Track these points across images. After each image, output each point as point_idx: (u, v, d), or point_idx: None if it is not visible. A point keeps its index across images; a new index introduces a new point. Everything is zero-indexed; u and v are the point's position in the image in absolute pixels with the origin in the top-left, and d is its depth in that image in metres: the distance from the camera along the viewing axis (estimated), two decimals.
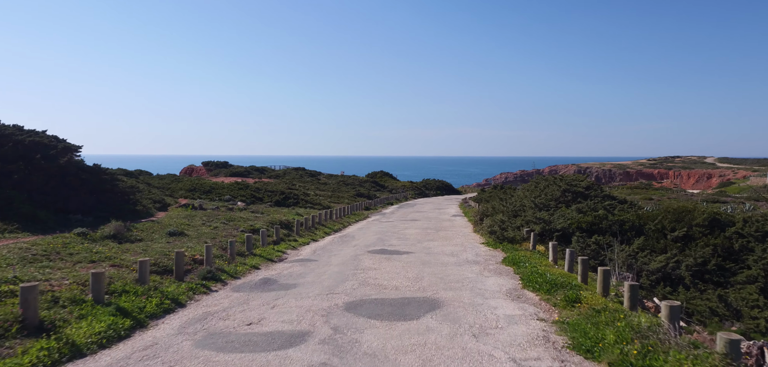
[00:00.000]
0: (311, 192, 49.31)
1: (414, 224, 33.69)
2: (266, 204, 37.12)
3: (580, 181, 25.22)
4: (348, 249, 22.13)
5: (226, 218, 25.52)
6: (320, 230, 28.57)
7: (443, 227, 31.31)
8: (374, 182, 71.80)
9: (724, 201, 66.97)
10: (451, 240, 25.02)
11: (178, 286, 13.97)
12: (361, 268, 17.49)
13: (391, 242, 24.13)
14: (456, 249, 21.95)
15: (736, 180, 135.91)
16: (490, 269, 17.29)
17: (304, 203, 39.63)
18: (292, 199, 39.40)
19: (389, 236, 26.78)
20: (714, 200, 69.53)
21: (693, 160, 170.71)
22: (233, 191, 37.74)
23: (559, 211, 23.11)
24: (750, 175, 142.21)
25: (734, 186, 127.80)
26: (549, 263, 17.91)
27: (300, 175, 71.14)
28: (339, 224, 32.78)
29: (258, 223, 25.09)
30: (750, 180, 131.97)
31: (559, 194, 24.42)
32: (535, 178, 27.45)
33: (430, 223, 34.34)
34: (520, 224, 23.38)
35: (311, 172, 75.95)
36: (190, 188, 37.11)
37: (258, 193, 39.19)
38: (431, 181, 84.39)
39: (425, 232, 28.59)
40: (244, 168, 71.47)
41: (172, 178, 45.28)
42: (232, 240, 18.46)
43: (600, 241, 21.21)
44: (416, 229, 30.23)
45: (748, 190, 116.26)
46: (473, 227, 30.09)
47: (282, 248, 21.89)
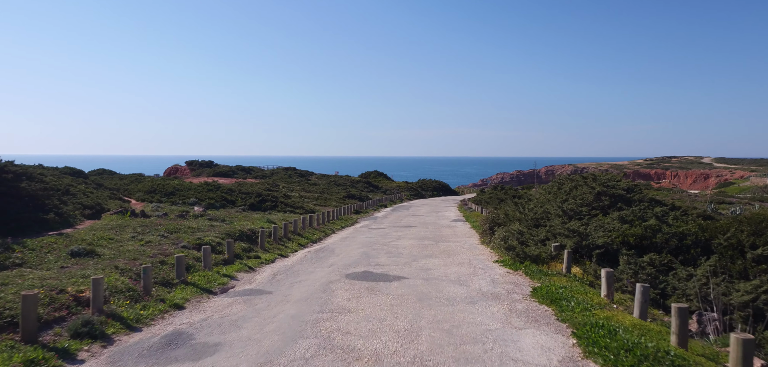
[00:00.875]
0: (295, 194, 43.43)
1: (409, 231, 27.85)
2: (238, 208, 31.23)
3: (616, 181, 19.41)
4: (321, 271, 16.24)
5: (170, 228, 19.62)
6: (294, 242, 22.68)
7: (443, 236, 25.47)
8: (367, 183, 65.91)
9: (730, 202, 61.75)
10: (454, 256, 19.18)
11: (10, 358, 8.10)
12: (330, 309, 11.61)
13: (379, 260, 18.27)
14: (464, 271, 16.09)
15: (735, 180, 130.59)
16: (519, 311, 11.42)
17: (283, 206, 33.74)
18: (269, 202, 33.53)
19: (378, 249, 20.92)
20: (719, 201, 64.38)
21: (690, 161, 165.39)
22: (201, 193, 31.89)
23: (596, 220, 17.30)
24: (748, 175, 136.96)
25: (734, 186, 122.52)
26: (603, 300, 12.06)
27: (289, 176, 65.18)
28: (319, 232, 26.90)
29: (209, 235, 19.20)
30: (750, 180, 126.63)
31: (593, 199, 18.62)
32: (558, 177, 21.60)
33: (428, 230, 28.51)
34: (545, 237, 17.57)
35: (301, 173, 70.02)
36: (150, 189, 31.25)
37: (230, 195, 33.29)
38: (427, 181, 78.58)
39: (422, 243, 22.75)
40: (229, 168, 65.48)
41: (134, 179, 39.47)
42: (148, 267, 12.54)
43: (655, 261, 15.40)
44: (411, 239, 24.38)
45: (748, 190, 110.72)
46: (480, 237, 24.25)
47: (232, 271, 15.99)
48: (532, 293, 13.04)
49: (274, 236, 21.75)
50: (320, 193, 49.21)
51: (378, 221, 34.61)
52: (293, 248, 21.61)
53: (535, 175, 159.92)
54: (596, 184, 19.06)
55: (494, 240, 20.57)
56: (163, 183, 32.60)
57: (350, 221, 33.92)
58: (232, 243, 17.62)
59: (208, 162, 70.32)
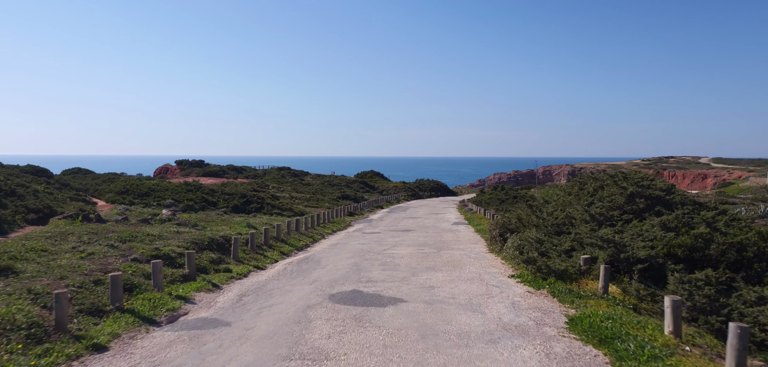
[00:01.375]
0: (285, 194, 40.19)
1: (407, 236, 24.66)
2: (220, 210, 27.99)
3: (650, 180, 16.26)
4: (299, 291, 13.03)
5: (126, 235, 16.38)
6: (275, 250, 19.46)
7: (446, 242, 22.29)
8: (363, 183, 62.67)
9: (733, 202, 58.85)
10: (461, 268, 16.00)
11: None
12: (302, 352, 8.40)
13: (372, 274, 15.07)
14: (475, 290, 12.91)
15: (734, 181, 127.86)
16: (559, 357, 8.20)
17: (270, 208, 30.50)
18: (255, 203, 30.29)
19: (371, 259, 17.72)
20: (722, 201, 61.49)
21: (687, 161, 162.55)
22: (179, 194, 28.64)
23: (631, 227, 14.15)
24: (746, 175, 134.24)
25: (733, 186, 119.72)
26: (669, 338, 8.90)
27: (282, 176, 61.91)
28: (307, 237, 23.67)
29: (171, 244, 15.98)
30: (749, 180, 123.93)
31: (624, 201, 15.46)
32: (580, 176, 18.46)
33: (428, 235, 25.33)
34: (571, 247, 14.41)
35: (295, 172, 66.76)
36: (123, 190, 27.99)
37: (212, 196, 30.03)
38: (425, 181, 75.38)
39: (422, 251, 19.56)
40: (220, 167, 62.16)
41: (108, 178, 36.23)
42: (63, 293, 9.30)
43: (711, 278, 12.25)
44: (409, 246, 21.19)
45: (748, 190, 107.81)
46: (487, 245, 21.07)
47: (190, 291, 12.78)
48: (570, 325, 9.85)
49: (251, 243, 18.52)
50: (313, 193, 45.97)
51: (373, 224, 31.41)
52: (273, 257, 18.37)
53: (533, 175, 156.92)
54: (628, 183, 15.90)
55: (506, 249, 17.38)
56: (138, 183, 29.38)
57: (343, 224, 30.72)
58: (194, 255, 14.37)
59: (199, 161, 66.98)
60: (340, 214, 35.19)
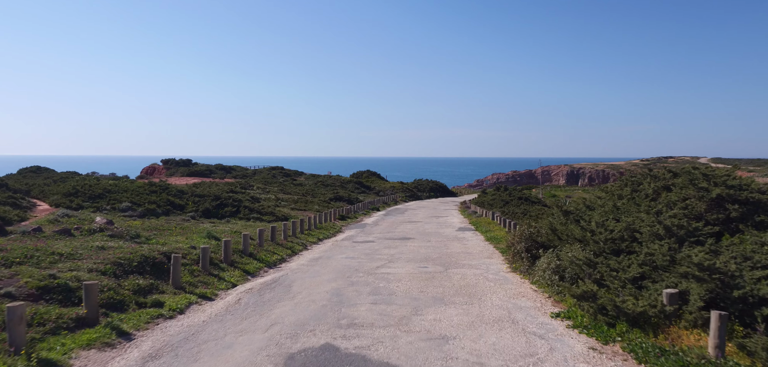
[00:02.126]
0: (270, 196, 35.52)
1: (405, 247, 20.01)
2: (188, 215, 23.32)
3: (741, 179, 11.68)
4: (243, 349, 8.37)
5: (21, 253, 11.73)
6: (236, 270, 14.77)
7: (453, 256, 17.66)
8: (359, 183, 58.00)
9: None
10: (481, 300, 11.40)
11: None
12: None
13: (357, 312, 10.45)
14: (510, 347, 8.29)
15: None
16: None
17: (248, 212, 25.82)
18: (230, 207, 25.62)
19: (358, 285, 13.08)
20: None
21: (686, 161, 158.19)
22: (140, 195, 24.00)
23: (729, 246, 9.58)
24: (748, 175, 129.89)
25: None
26: None
27: (273, 175, 57.24)
28: (285, 249, 18.98)
29: (82, 267, 11.33)
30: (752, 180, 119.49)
31: (705, 208, 10.87)
32: (629, 174, 13.75)
33: (430, 244, 20.69)
34: (641, 274, 9.80)
35: (288, 172, 62.07)
36: (72, 191, 23.32)
37: (180, 198, 25.34)
38: (423, 182, 70.74)
39: (425, 271, 14.93)
40: (207, 167, 57.47)
41: (61, 177, 31.58)
42: None
43: None
44: (409, 261, 16.55)
45: None
46: (507, 260, 16.40)
47: (74, 348, 8.11)
48: None
49: (203, 261, 13.85)
50: (303, 195, 41.28)
51: (367, 230, 26.76)
52: (231, 280, 13.70)
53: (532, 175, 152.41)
54: (710, 183, 11.28)
55: (538, 271, 12.74)
56: (93, 184, 24.71)
57: (332, 230, 26.06)
58: (97, 286, 9.67)
59: (186, 161, 62.28)
60: (330, 218, 30.53)
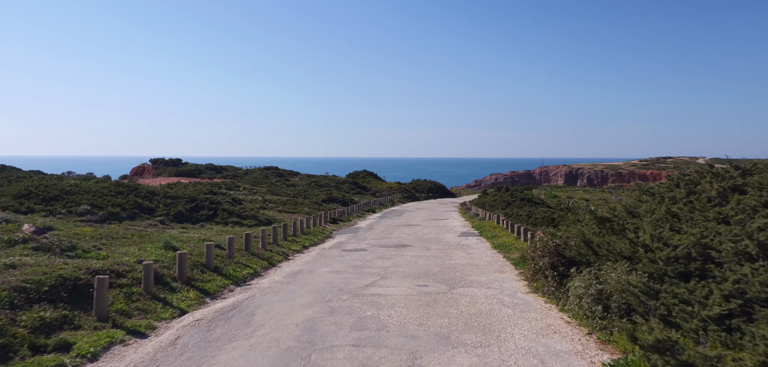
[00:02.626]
0: (257, 197, 32.49)
1: (401, 258, 16.99)
2: (158, 219, 20.31)
3: None
4: None
5: None
6: (190, 290, 11.72)
7: (458, 270, 14.68)
8: (355, 184, 54.97)
9: None
10: (500, 338, 8.41)
11: None
12: None
13: (332, 364, 7.51)
14: None
15: None
16: None
17: (226, 216, 22.78)
18: (206, 210, 22.58)
19: (340, 312, 10.09)
20: None
21: (685, 161, 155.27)
22: (104, 197, 20.96)
23: None
24: None
25: None
26: None
27: (265, 175, 54.21)
28: (260, 260, 15.95)
29: None
30: None
31: None
32: (681, 173, 10.62)
33: (431, 254, 17.69)
34: (729, 311, 6.88)
35: (281, 172, 59.02)
36: (23, 193, 20.24)
37: (150, 200, 22.28)
38: (422, 182, 67.70)
39: (425, 292, 11.94)
40: (197, 166, 54.41)
41: (17, 177, 28.55)
42: None
43: None
44: (405, 278, 13.55)
45: None
46: (524, 276, 13.44)
47: None
48: None
49: (145, 282, 10.83)
50: (294, 196, 38.23)
51: (359, 235, 23.76)
52: (181, 305, 10.68)
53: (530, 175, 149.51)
54: None
55: (570, 297, 9.76)
56: (51, 184, 21.66)
57: (320, 236, 23.05)
58: None
59: (176, 160, 59.21)
60: (321, 221, 27.51)
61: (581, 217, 12.78)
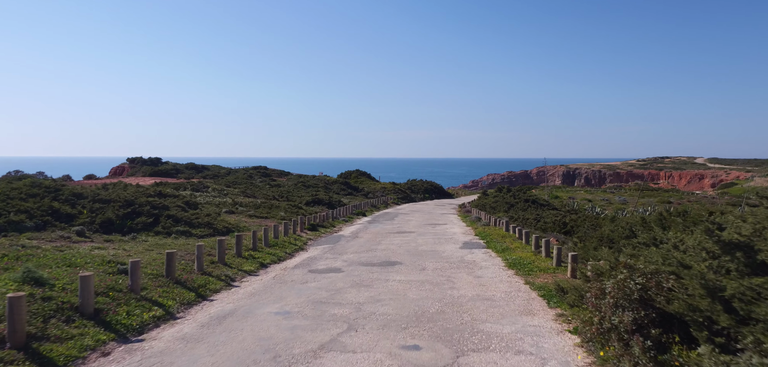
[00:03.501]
0: (228, 199, 27.43)
1: (386, 285, 11.98)
2: (75, 228, 15.30)
3: None
4: None
5: None
6: (28, 363, 6.81)
7: (465, 308, 9.71)
8: (345, 184, 49.94)
9: (753, 204, 47.45)
10: None
11: None
12: None
13: None
14: None
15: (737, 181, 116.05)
16: None
17: (172, 224, 17.75)
18: (145, 216, 17.55)
19: None
20: (735, 204, 51.25)
21: (683, 161, 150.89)
22: (10, 202, 15.97)
23: None
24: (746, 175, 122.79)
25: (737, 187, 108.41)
26: None
27: (249, 176, 49.18)
28: (185, 291, 10.91)
29: None
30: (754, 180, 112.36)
31: None
32: None
33: (426, 277, 12.67)
34: None
35: (267, 172, 53.98)
36: None
37: (74, 204, 17.28)
38: (418, 182, 62.68)
39: (414, 362, 7.07)
40: (175, 166, 49.34)
41: None
42: None
43: None
44: (386, 328, 8.55)
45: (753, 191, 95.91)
46: (563, 320, 8.51)
47: None
48: None
49: None
50: (272, 198, 33.21)
51: (339, 247, 18.78)
52: None
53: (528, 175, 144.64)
54: None
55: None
56: None
57: (290, 248, 18.06)
58: None
59: (155, 159, 54.15)
60: (296, 228, 22.52)
61: (602, 224, 7.75)
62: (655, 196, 67.63)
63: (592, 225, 24.84)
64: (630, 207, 52.55)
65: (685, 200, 64.09)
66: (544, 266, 14.09)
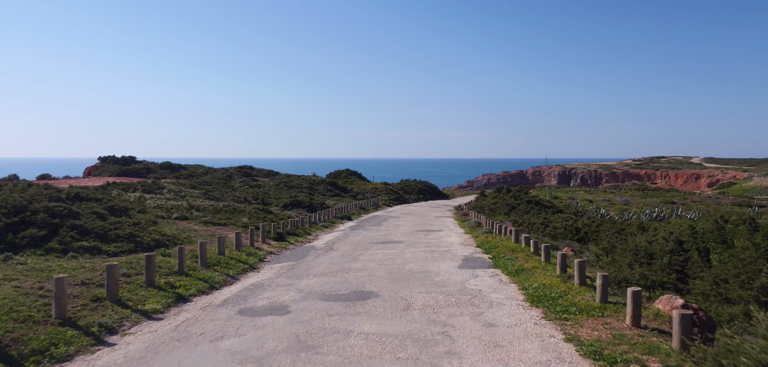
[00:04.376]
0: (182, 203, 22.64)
1: (346, 341, 7.28)
2: None
3: None
4: None
5: None
6: None
7: None
8: (333, 185, 45.15)
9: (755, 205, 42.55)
10: None
11: None
12: None
13: None
14: None
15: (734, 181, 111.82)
16: None
17: (79, 236, 12.97)
18: (37, 226, 12.76)
19: None
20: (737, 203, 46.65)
21: (679, 161, 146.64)
22: None
23: None
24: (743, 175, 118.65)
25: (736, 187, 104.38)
26: None
27: (228, 176, 44.37)
28: (47, 359, 6.28)
29: None
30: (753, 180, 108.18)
31: None
32: None
33: (409, 329, 7.96)
34: None
35: (248, 172, 49.19)
36: None
37: None
38: (411, 182, 57.93)
39: None
40: (146, 165, 44.48)
41: None
42: None
43: None
44: None
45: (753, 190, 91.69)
46: None
47: None
48: None
49: None
50: (242, 201, 28.42)
51: (303, 266, 14.06)
52: None
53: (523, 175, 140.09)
54: None
55: None
56: None
57: (236, 269, 13.32)
58: None
59: (129, 158, 49.25)
60: (257, 238, 17.78)
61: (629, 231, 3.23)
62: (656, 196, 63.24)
63: (616, 232, 20.18)
64: (633, 208, 48.15)
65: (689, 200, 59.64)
66: (583, 302, 9.40)
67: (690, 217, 39.27)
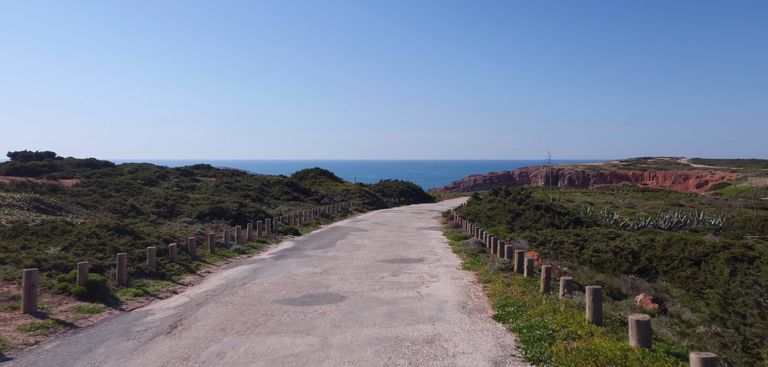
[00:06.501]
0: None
1: None
2: None
3: None
4: None
5: None
6: None
7: None
8: (292, 186, 34.74)
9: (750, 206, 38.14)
10: None
11: None
12: None
13: None
14: None
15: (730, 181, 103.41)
16: None
17: None
18: None
19: None
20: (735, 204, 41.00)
21: (666, 161, 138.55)
22: None
23: None
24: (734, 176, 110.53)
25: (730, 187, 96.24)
26: None
27: (161, 175, 33.81)
28: None
29: None
30: (748, 181, 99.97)
31: None
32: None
33: None
34: None
35: (189, 171, 38.63)
36: None
37: None
38: (392, 183, 47.71)
39: None
40: (65, 161, 33.83)
41: None
42: None
43: None
44: None
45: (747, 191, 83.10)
46: None
47: None
48: None
49: None
50: (114, 210, 18.10)
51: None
52: None
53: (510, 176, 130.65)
54: None
55: None
56: None
57: None
58: None
59: (49, 153, 38.48)
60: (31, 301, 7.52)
61: None
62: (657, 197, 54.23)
63: (694, 261, 10.21)
64: (640, 211, 38.87)
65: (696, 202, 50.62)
66: None
67: (714, 223, 29.90)
